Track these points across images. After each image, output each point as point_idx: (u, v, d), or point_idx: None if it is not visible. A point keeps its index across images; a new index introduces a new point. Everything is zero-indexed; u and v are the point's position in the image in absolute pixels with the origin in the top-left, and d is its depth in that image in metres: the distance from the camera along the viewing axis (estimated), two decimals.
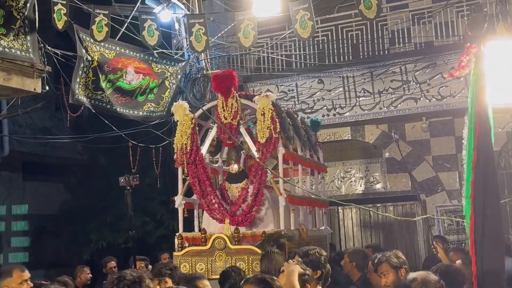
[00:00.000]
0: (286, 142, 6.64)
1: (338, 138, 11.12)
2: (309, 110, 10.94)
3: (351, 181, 11.18)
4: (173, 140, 6.71)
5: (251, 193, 6.35)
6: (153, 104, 9.65)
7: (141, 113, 9.51)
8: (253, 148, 6.34)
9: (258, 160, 6.18)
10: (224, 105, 6.36)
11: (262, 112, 6.19)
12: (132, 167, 9.11)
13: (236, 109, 6.33)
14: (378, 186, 11.01)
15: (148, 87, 9.56)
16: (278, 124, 6.18)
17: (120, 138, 9.70)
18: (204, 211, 6.65)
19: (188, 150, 6.45)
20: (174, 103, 6.67)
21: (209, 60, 10.68)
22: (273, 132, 6.14)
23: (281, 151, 6.32)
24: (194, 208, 6.94)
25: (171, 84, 9.85)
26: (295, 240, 6.29)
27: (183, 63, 10.15)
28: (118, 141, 10.11)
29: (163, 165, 9.67)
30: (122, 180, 7.76)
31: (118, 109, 9.11)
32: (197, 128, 6.59)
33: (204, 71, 10.52)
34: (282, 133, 6.38)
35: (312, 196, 7.38)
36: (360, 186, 11.10)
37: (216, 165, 7.41)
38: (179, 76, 9.99)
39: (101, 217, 12.18)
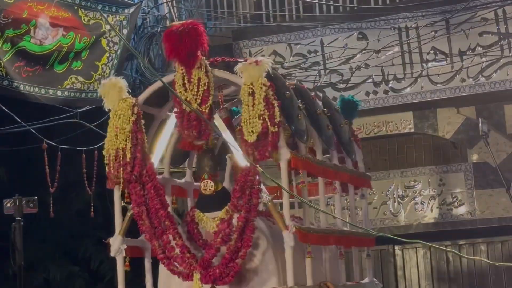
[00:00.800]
0: (294, 139, 6.59)
1: (393, 131, 11.15)
2: (344, 85, 10.90)
3: (416, 203, 11.17)
4: None
5: (235, 227, 6.26)
6: (80, 78, 9.69)
7: (60, 93, 9.55)
8: (238, 151, 6.29)
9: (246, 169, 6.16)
10: (185, 80, 6.28)
11: (250, 91, 6.11)
12: (50, 184, 9.13)
13: (206, 87, 6.24)
14: (462, 210, 11.00)
15: (73, 50, 9.61)
16: (277, 109, 6.11)
17: (28, 135, 9.70)
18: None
19: (128, 160, 6.41)
20: (103, 81, 6.62)
21: (175, 4, 10.70)
22: (268, 122, 6.07)
23: (284, 154, 6.25)
24: (144, 255, 6.91)
25: (111, 44, 9.91)
26: None
27: (132, 8, 10.16)
28: (25, 140, 10.11)
29: (100, 181, 9.65)
30: (8, 204, 7.75)
31: (21, 86, 9.12)
32: (143, 121, 6.54)
33: (168, 22, 10.51)
34: (287, 124, 6.33)
35: (345, 229, 7.31)
36: (431, 211, 11.09)
37: (182, 180, 7.35)
38: (125, 31, 10.05)
39: (1, 265, 12.18)
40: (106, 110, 6.63)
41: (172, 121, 6.74)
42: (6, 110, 9.17)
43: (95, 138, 9.61)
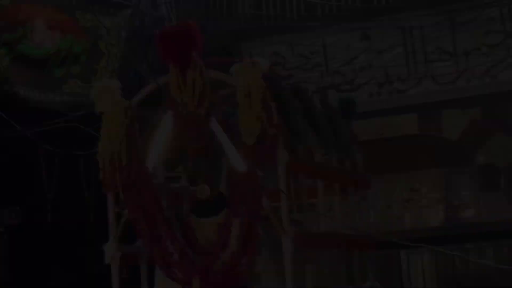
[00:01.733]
0: (292, 142, 6.57)
1: (397, 134, 11.13)
2: (348, 86, 10.95)
3: (421, 206, 11.19)
4: None
5: (236, 232, 6.25)
6: (79, 82, 9.79)
7: (58, 98, 9.67)
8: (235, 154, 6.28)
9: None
10: (180, 82, 6.27)
11: (247, 92, 6.08)
12: (46, 190, 9.21)
13: (201, 89, 6.23)
14: (468, 213, 11.01)
15: (71, 53, 9.72)
16: (275, 111, 6.09)
17: (25, 140, 9.61)
18: (156, 268, 6.59)
19: (123, 164, 6.40)
20: (95, 84, 6.67)
21: (173, 5, 10.79)
22: (266, 125, 6.05)
23: (283, 157, 6.23)
24: (140, 262, 6.89)
25: (109, 47, 10.02)
26: None
27: (130, 10, 10.30)
28: (21, 144, 9.94)
29: (97, 186, 9.68)
30: None
31: (21, 91, 9.26)
32: (138, 124, 6.53)
33: (166, 23, 10.53)
34: (285, 126, 6.37)
35: (346, 232, 7.33)
36: (437, 214, 11.10)
37: (178, 185, 7.25)
38: (123, 33, 10.17)
39: None
40: (99, 113, 6.58)
41: (167, 123, 6.66)
42: (2, 115, 9.20)
43: (94, 142, 9.67)
